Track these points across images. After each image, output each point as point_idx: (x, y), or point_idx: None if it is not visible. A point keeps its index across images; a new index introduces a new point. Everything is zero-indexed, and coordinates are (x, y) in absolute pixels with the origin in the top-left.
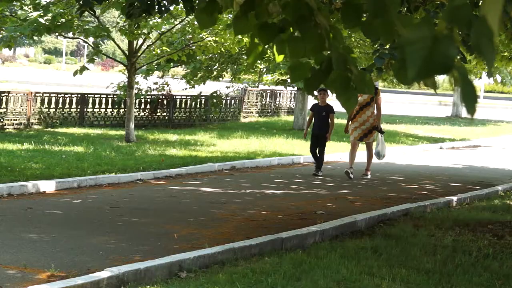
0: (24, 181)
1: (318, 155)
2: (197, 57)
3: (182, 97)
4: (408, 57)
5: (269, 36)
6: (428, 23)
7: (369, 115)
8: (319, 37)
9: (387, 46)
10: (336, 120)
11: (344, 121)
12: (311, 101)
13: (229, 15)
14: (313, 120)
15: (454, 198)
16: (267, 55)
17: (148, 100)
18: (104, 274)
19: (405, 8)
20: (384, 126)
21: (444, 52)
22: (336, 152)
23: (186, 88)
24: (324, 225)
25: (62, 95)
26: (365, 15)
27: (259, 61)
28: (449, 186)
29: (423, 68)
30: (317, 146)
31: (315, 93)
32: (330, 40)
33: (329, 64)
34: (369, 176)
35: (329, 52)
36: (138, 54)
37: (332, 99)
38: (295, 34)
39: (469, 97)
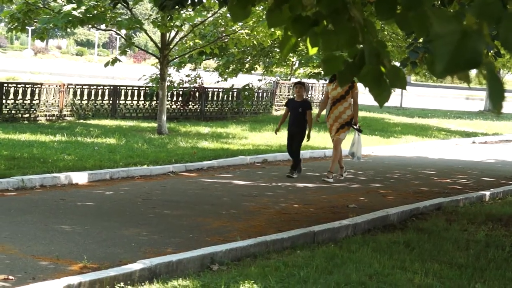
0: (56, 172)
1: (293, 155)
2: (230, 50)
3: (214, 89)
4: (436, 51)
5: (303, 29)
6: (457, 17)
7: (341, 110)
8: (352, 31)
9: (421, 40)
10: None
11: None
12: None
13: (261, 7)
14: (289, 116)
15: (487, 193)
16: (299, 48)
17: (180, 92)
18: (136, 266)
19: (439, 1)
20: (416, 120)
21: (472, 47)
22: (368, 146)
23: (218, 81)
24: (356, 218)
25: (95, 87)
26: (399, 7)
27: (291, 54)
28: (481, 180)
29: (451, 62)
30: (294, 144)
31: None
32: (364, 33)
33: (362, 57)
34: (330, 180)
35: (362, 45)
36: (171, 46)
37: (363, 92)
38: (329, 27)
39: (496, 94)
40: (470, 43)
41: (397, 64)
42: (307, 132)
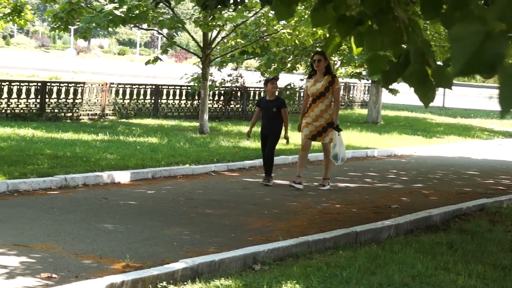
0: (99, 171)
1: (267, 159)
2: (271, 49)
3: (256, 89)
4: (454, 52)
5: (347, 29)
6: (482, 18)
7: (322, 108)
8: (397, 30)
9: None
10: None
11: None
12: (385, 94)
13: (303, 6)
14: (262, 117)
15: None
16: (341, 48)
17: (222, 92)
18: (179, 265)
19: (482, 1)
20: (458, 120)
21: (493, 50)
22: (411, 146)
23: (260, 80)
24: (399, 219)
25: (137, 86)
26: (444, 6)
27: (333, 54)
28: None
29: (468, 65)
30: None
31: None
32: (408, 33)
33: (407, 57)
34: (327, 187)
35: (407, 45)
36: (213, 45)
37: (407, 92)
38: (373, 27)
39: (507, 99)
40: (492, 46)
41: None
42: (283, 133)
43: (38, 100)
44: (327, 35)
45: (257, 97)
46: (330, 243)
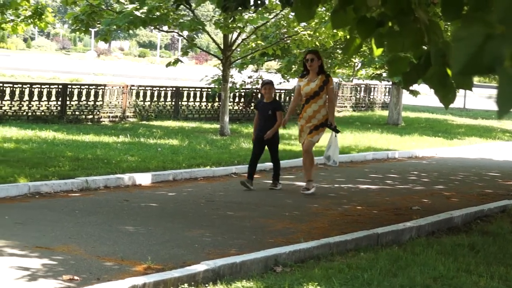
0: (120, 173)
1: (273, 163)
2: (292, 51)
3: (276, 91)
4: (454, 52)
5: (368, 30)
6: (483, 20)
7: (315, 109)
8: (418, 32)
9: None
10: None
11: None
12: (406, 95)
13: (323, 8)
14: (258, 120)
15: None
16: (362, 49)
17: (242, 93)
18: (200, 267)
19: None
20: (479, 122)
21: (493, 51)
22: (432, 147)
23: (280, 82)
24: (420, 221)
25: (157, 88)
26: (465, 7)
27: (354, 55)
28: None
29: (468, 65)
30: (260, 153)
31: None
32: (429, 34)
33: (427, 58)
34: (311, 191)
35: (427, 46)
36: (233, 47)
37: (427, 94)
38: (394, 28)
39: (505, 100)
40: (491, 47)
41: None
42: (269, 132)
43: (59, 103)
44: (348, 36)
45: (277, 99)
46: (351, 245)
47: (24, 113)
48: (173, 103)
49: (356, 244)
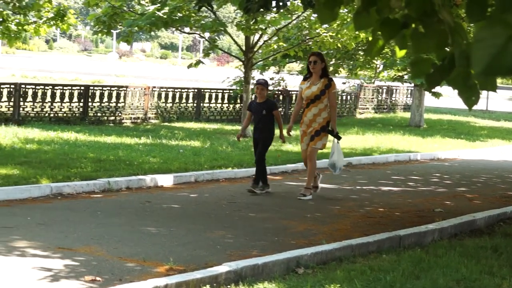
0: (142, 175)
1: (257, 163)
2: None
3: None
4: (475, 53)
5: (391, 32)
6: (505, 21)
7: (315, 112)
8: (442, 33)
9: None
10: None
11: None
12: (428, 97)
13: (345, 10)
14: (253, 121)
15: None
16: (384, 51)
17: None
18: (222, 268)
19: None
20: (502, 124)
21: None
22: (454, 149)
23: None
24: (443, 223)
25: (179, 89)
26: (490, 9)
27: (376, 57)
28: None
29: (489, 66)
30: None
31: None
32: (453, 36)
33: (451, 60)
34: (308, 197)
35: (450, 48)
36: (255, 49)
37: (449, 96)
38: (418, 29)
39: None
40: None
41: None
42: (278, 133)
43: (81, 104)
44: (370, 38)
45: None
46: (373, 247)
47: (46, 115)
48: (194, 104)
49: (378, 246)
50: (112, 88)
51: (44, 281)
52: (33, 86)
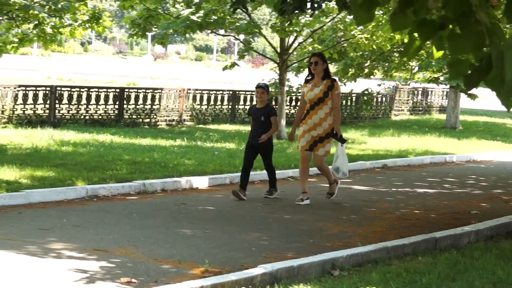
0: (177, 177)
1: (267, 170)
2: (349, 55)
3: None
4: (507, 59)
5: (429, 33)
6: None
7: (322, 116)
8: (479, 34)
9: None
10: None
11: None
12: (463, 99)
13: (380, 11)
14: (251, 126)
15: None
16: (419, 53)
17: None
18: (258, 270)
19: None
20: None
21: None
22: (490, 151)
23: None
24: (479, 225)
25: (214, 92)
26: None
27: (412, 58)
28: None
29: None
30: (252, 159)
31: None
32: (491, 37)
33: (488, 61)
34: (306, 202)
35: (487, 49)
36: (290, 51)
37: (485, 97)
38: (455, 30)
39: None
40: None
41: None
42: (265, 136)
43: (116, 106)
44: (405, 39)
45: None
46: (409, 249)
47: (82, 117)
48: (229, 106)
49: (414, 248)
50: (147, 90)
51: (79, 283)
52: (69, 89)
